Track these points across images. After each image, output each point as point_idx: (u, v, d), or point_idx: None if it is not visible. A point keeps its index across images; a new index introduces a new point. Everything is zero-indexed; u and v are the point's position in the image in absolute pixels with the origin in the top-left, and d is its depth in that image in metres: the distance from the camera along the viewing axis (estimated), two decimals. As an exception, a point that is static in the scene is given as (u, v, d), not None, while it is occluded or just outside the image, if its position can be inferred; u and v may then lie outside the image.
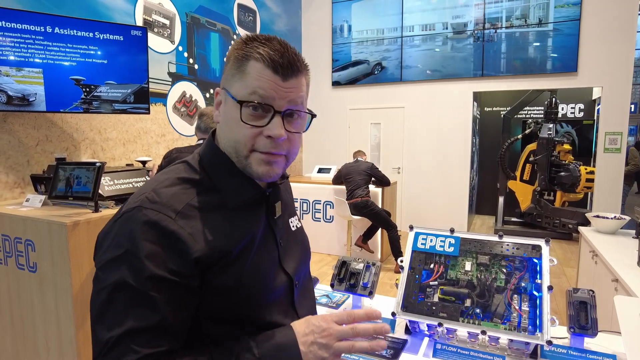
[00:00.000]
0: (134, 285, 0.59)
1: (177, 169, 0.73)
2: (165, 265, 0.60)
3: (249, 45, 0.68)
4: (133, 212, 0.63)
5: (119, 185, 2.68)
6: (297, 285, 0.79)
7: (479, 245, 1.26)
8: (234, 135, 0.69)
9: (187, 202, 0.66)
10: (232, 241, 0.67)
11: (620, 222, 2.86)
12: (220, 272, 0.65)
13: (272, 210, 0.77)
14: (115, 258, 0.61)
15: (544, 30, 5.23)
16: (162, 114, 4.04)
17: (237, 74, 0.68)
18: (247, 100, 0.66)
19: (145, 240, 0.60)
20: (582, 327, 1.21)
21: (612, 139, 5.06)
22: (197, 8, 4.41)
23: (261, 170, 0.70)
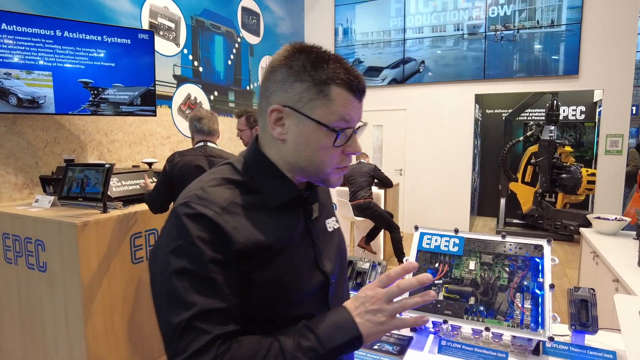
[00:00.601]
0: (195, 270, 0.64)
1: (222, 170, 0.78)
2: (218, 251, 0.65)
3: (326, 68, 0.70)
4: (182, 207, 0.68)
5: (126, 187, 2.73)
6: (332, 284, 0.81)
7: (482, 245, 1.30)
8: (316, 156, 0.73)
9: (231, 200, 0.71)
10: (271, 237, 0.71)
11: (621, 223, 2.90)
12: (259, 267, 0.69)
13: (309, 211, 0.80)
14: (173, 250, 0.65)
15: (546, 32, 5.26)
16: (167, 116, 4.08)
17: (318, 98, 0.70)
18: (339, 128, 0.71)
19: (196, 230, 0.65)
20: (583, 324, 1.25)
21: (613, 141, 5.09)
22: (201, 11, 4.46)
23: (336, 181, 0.77)
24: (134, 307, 2.53)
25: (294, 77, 0.70)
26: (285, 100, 0.71)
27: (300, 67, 0.70)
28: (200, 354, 0.61)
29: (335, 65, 0.70)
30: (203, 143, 2.39)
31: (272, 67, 0.73)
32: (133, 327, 2.53)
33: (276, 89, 0.72)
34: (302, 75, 0.70)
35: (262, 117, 0.76)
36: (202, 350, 0.61)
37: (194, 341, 0.62)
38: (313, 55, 0.71)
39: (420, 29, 5.91)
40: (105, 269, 2.33)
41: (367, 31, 6.21)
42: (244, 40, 5.16)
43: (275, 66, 0.72)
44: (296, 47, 0.72)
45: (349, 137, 0.72)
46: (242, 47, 5.14)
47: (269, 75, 0.73)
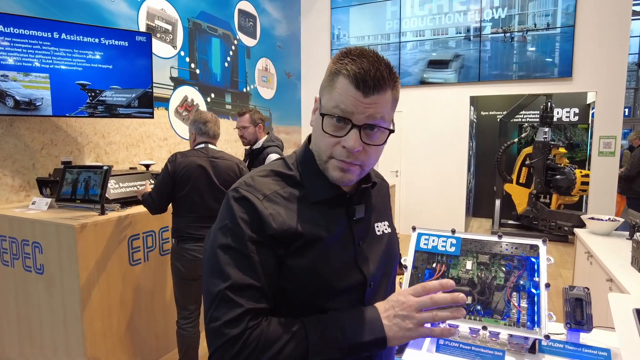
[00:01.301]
0: (235, 247, 0.72)
1: (275, 164, 0.84)
2: (255, 232, 0.72)
3: (342, 60, 0.74)
4: (233, 191, 0.77)
5: (124, 189, 2.73)
6: (371, 286, 0.82)
7: (479, 245, 1.32)
8: (317, 141, 0.79)
9: (275, 190, 0.77)
10: (304, 228, 0.75)
11: (614, 223, 2.93)
12: (293, 254, 0.74)
13: (352, 211, 0.83)
14: (221, 227, 0.75)
15: (540, 35, 5.32)
16: (165, 118, 4.08)
17: (327, 86, 0.76)
18: (328, 113, 0.74)
19: (240, 211, 0.74)
20: (577, 322, 1.27)
21: (606, 142, 5.14)
22: (198, 14, 4.47)
23: (335, 175, 0.77)
24: (132, 309, 2.53)
25: (327, 70, 0.78)
26: (319, 91, 0.80)
27: (331, 63, 0.77)
28: (232, 323, 0.68)
29: (351, 59, 0.73)
30: (204, 145, 2.40)
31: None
32: (131, 329, 2.53)
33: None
34: (328, 69, 0.77)
35: None
36: (234, 321, 0.68)
37: (227, 311, 0.69)
38: (345, 49, 0.76)
39: (416, 32, 5.94)
40: (103, 271, 2.33)
41: (363, 34, 6.24)
42: (241, 42, 5.17)
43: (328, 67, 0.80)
44: (344, 49, 0.78)
45: (348, 131, 0.73)
46: (239, 50, 5.15)
47: None
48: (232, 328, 0.67)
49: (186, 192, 2.32)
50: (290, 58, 6.37)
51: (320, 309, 0.75)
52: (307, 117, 6.63)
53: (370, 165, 0.79)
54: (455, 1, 5.71)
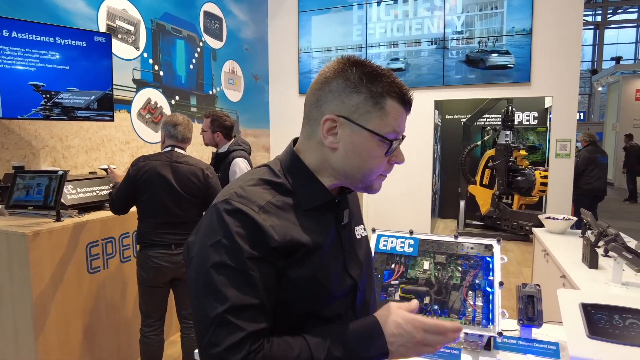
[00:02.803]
0: (232, 265, 0.67)
1: (259, 171, 0.81)
2: (256, 248, 0.68)
3: (382, 81, 0.75)
4: (222, 204, 0.72)
5: (82, 194, 2.63)
6: (360, 290, 0.85)
7: (436, 246, 1.35)
8: (366, 164, 0.77)
9: (268, 200, 0.74)
10: (305, 237, 0.74)
11: (568, 222, 3.07)
12: (295, 265, 0.72)
13: (340, 216, 0.83)
14: (213, 244, 0.69)
15: (500, 43, 5.51)
16: (127, 121, 3.97)
17: (373, 110, 0.74)
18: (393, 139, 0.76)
19: (236, 226, 0.69)
20: (529, 318, 1.32)
21: (562, 145, 5.38)
22: (162, 15, 4.37)
23: (378, 187, 0.82)
24: (92, 318, 2.44)
25: (350, 89, 0.74)
26: (340, 110, 0.75)
27: (357, 80, 0.74)
28: (234, 349, 0.65)
29: (389, 80, 0.75)
30: (171, 148, 2.36)
31: (326, 77, 0.77)
32: (91, 339, 2.43)
33: (331, 99, 0.76)
34: (359, 88, 0.74)
35: (311, 125, 0.79)
36: (235, 346, 0.65)
37: (228, 336, 0.65)
38: (369, 69, 0.75)
39: (382, 35, 6.04)
40: (59, 280, 2.23)
41: (330, 37, 6.28)
42: (207, 44, 5.10)
43: (330, 77, 0.76)
44: (351, 60, 0.76)
45: (394, 148, 0.78)
46: (205, 52, 5.07)
47: (321, 85, 0.77)
48: (235, 354, 0.65)
49: (148, 197, 2.27)
50: (258, 61, 6.33)
51: (317, 315, 0.76)
52: (276, 120, 6.60)
53: None
54: (420, 7, 5.84)
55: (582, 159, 5.67)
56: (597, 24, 17.17)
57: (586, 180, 5.63)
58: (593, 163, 5.65)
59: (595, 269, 2.23)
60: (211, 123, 2.91)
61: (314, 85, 0.79)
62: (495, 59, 5.44)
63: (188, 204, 2.27)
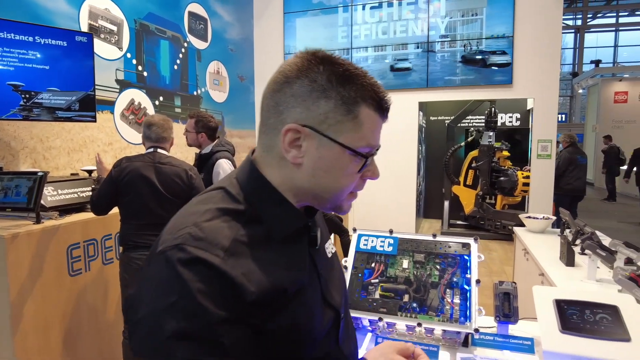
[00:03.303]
0: (197, 333, 0.51)
1: (214, 197, 0.65)
2: (226, 307, 0.53)
3: (356, 84, 0.62)
4: (174, 251, 0.55)
5: (63, 196, 2.59)
6: (342, 318, 0.74)
7: (415, 245, 1.38)
8: (336, 183, 0.65)
9: (233, 237, 0.58)
10: (286, 278, 0.61)
11: (548, 221, 3.14)
12: (274, 315, 0.59)
13: (314, 240, 0.71)
14: (168, 307, 0.52)
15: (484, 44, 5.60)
16: (110, 122, 3.92)
17: (345, 120, 0.61)
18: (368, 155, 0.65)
19: (196, 281, 0.52)
20: (505, 315, 1.35)
21: (543, 146, 5.49)
22: (146, 15, 4.34)
23: (348, 207, 0.70)
24: (73, 321, 2.41)
25: (318, 93, 0.61)
26: (306, 119, 0.61)
27: (326, 82, 0.61)
28: None
29: (364, 82, 0.63)
30: (153, 149, 2.36)
31: (287, 77, 0.62)
32: (73, 342, 2.40)
33: (294, 105, 0.61)
34: (329, 92, 0.61)
35: (269, 134, 0.65)
36: None
37: None
38: (340, 68, 0.62)
39: (367, 37, 6.09)
40: (38, 283, 2.20)
41: (316, 39, 6.31)
42: (191, 45, 5.08)
43: (291, 77, 0.62)
44: (318, 56, 0.63)
45: (367, 163, 0.66)
46: (189, 52, 5.05)
47: (281, 86, 0.62)
48: None
49: (130, 198, 2.26)
50: (243, 61, 6.32)
51: None
52: (261, 121, 6.59)
53: None
54: (405, 10, 5.90)
55: (563, 160, 5.80)
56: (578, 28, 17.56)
57: (567, 180, 5.76)
58: (573, 163, 5.78)
59: (572, 266, 2.29)
60: (195, 124, 2.91)
61: (272, 85, 0.64)
62: (495, 57, 5.54)
63: (171, 205, 2.27)
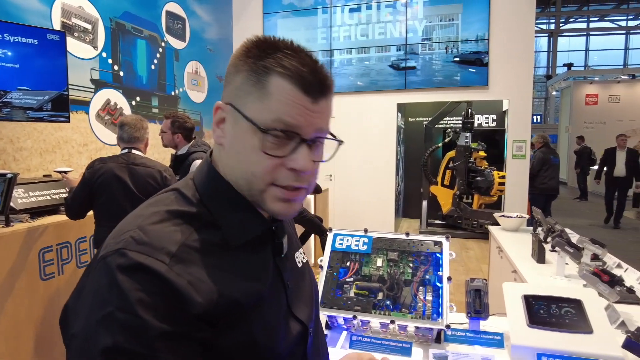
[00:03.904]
0: (133, 350, 0.46)
1: (166, 199, 0.59)
2: (169, 319, 0.48)
3: (271, 54, 0.55)
4: (115, 256, 0.50)
5: (34, 198, 2.53)
6: (311, 333, 0.68)
7: (388, 243, 1.40)
8: (248, 166, 0.57)
9: (182, 241, 0.53)
10: (241, 289, 0.55)
11: (521, 220, 3.22)
12: (226, 330, 0.53)
13: (279, 247, 0.65)
14: (103, 318, 0.47)
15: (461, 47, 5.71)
16: (85, 122, 3.84)
17: (254, 91, 0.55)
18: (271, 129, 0.54)
19: (136, 290, 0.47)
20: (476, 311, 1.39)
21: (518, 146, 5.63)
22: (122, 14, 4.27)
23: (277, 208, 0.58)
24: (45, 327, 2.35)
25: (237, 67, 0.57)
26: (227, 95, 0.59)
27: (243, 55, 0.57)
28: None
29: (284, 53, 0.55)
30: (127, 150, 2.34)
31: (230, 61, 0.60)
32: (46, 347, 2.35)
33: (225, 85, 0.60)
34: (244, 64, 0.56)
35: None
36: None
37: None
38: (263, 41, 0.57)
39: (346, 39, 6.13)
40: (8, 288, 2.14)
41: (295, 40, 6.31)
42: (169, 44, 5.01)
43: (230, 60, 0.59)
44: (255, 37, 0.58)
45: (294, 148, 0.57)
46: (167, 52, 4.99)
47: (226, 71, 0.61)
48: None
49: (104, 200, 2.23)
50: (222, 62, 6.27)
51: None
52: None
53: (314, 186, 0.63)
54: (383, 12, 5.97)
55: (537, 160, 5.96)
56: (551, 32, 18.06)
57: (541, 180, 5.92)
58: (547, 163, 5.94)
59: (543, 263, 2.36)
60: (171, 124, 2.88)
61: None
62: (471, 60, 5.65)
63: None
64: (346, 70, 6.14)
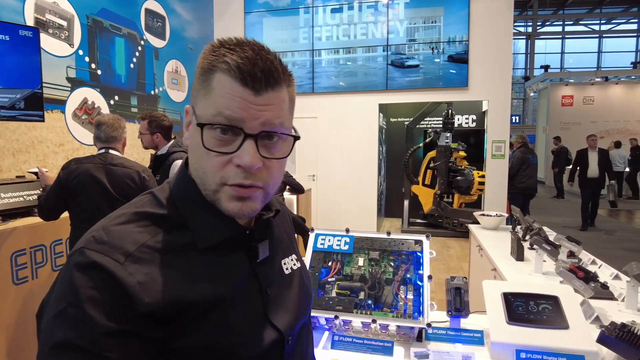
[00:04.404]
0: (81, 345, 0.47)
1: (139, 201, 0.61)
2: (115, 318, 0.49)
3: (216, 52, 0.55)
4: (76, 255, 0.52)
5: (7, 199, 2.45)
6: (289, 342, 0.65)
7: (370, 242, 1.40)
8: (200, 164, 0.57)
9: (143, 242, 0.54)
10: (197, 291, 0.55)
11: (500, 219, 3.28)
12: (182, 332, 0.53)
13: (254, 252, 0.64)
14: (57, 314, 0.49)
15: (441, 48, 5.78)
16: (60, 121, 3.74)
17: (201, 89, 0.56)
18: (208, 123, 0.54)
19: (88, 287, 0.49)
20: (457, 309, 1.40)
21: (497, 146, 5.73)
22: (99, 10, 4.17)
23: (231, 207, 0.57)
24: (19, 332, 2.28)
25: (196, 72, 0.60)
26: (191, 99, 0.61)
27: (200, 58, 0.58)
28: None
29: (229, 49, 0.55)
30: (104, 150, 2.28)
31: None
32: (20, 353, 2.27)
33: None
34: (198, 67, 0.58)
35: None
36: None
37: None
38: (218, 42, 0.57)
39: (329, 39, 6.13)
40: (-21, 293, 2.07)
41: (278, 40, 6.29)
42: (148, 43, 4.93)
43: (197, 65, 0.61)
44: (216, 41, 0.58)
45: (240, 144, 0.55)
46: (146, 50, 4.90)
47: None
48: None
49: (80, 201, 2.18)
50: (204, 61, 6.21)
51: None
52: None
53: (275, 185, 0.61)
54: (365, 13, 6.00)
55: (516, 160, 6.07)
56: (529, 35, 18.46)
57: (520, 179, 6.03)
58: (526, 163, 6.06)
59: (522, 261, 2.40)
60: (149, 124, 2.82)
61: None
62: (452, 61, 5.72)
63: None
64: (328, 71, 6.14)
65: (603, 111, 13.70)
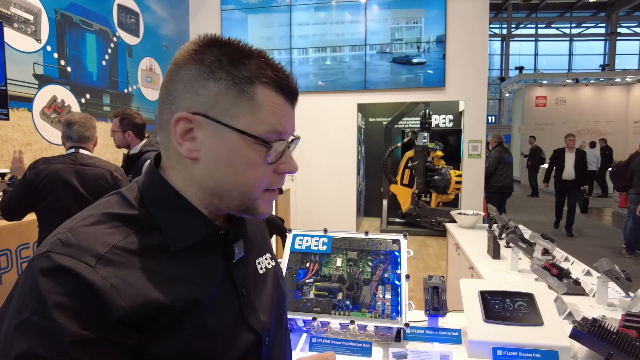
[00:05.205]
0: (48, 356, 0.44)
1: (106, 202, 0.59)
2: (88, 324, 0.46)
3: (248, 63, 0.55)
4: (39, 260, 0.48)
5: (-32, 202, 2.33)
6: (266, 343, 0.65)
7: (348, 242, 1.39)
8: (242, 177, 0.57)
9: (114, 244, 0.52)
10: (173, 294, 0.53)
11: (477, 217, 3.32)
12: (158, 336, 0.51)
13: (229, 252, 0.63)
14: (20, 324, 0.46)
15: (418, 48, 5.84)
16: (27, 120, 3.59)
17: (240, 102, 0.55)
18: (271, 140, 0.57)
19: (56, 293, 0.46)
20: (435, 308, 1.40)
21: (473, 146, 5.82)
22: (68, 5, 4.03)
23: (265, 208, 0.61)
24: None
25: (205, 75, 0.55)
26: (196, 105, 0.55)
27: (214, 62, 0.55)
28: None
29: (259, 61, 0.56)
30: (74, 150, 2.19)
31: (176, 64, 0.57)
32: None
33: (183, 92, 0.56)
34: (217, 72, 0.54)
35: (164, 130, 0.58)
36: None
37: None
38: (230, 47, 0.56)
39: (306, 38, 6.11)
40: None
41: (254, 37, 6.23)
42: (121, 40, 4.79)
43: (180, 62, 0.56)
44: (207, 39, 0.57)
45: (282, 153, 0.59)
46: (119, 48, 4.76)
47: (172, 74, 0.57)
48: None
49: (49, 203, 2.08)
50: (179, 59, 6.09)
51: None
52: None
53: None
54: (344, 12, 6.00)
55: (493, 159, 6.17)
56: (504, 36, 18.88)
57: (497, 178, 6.14)
58: (502, 162, 6.17)
59: (498, 259, 2.44)
60: (120, 122, 2.74)
61: (166, 75, 0.59)
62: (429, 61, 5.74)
63: None
64: (306, 70, 6.12)
65: (574, 112, 14.15)
